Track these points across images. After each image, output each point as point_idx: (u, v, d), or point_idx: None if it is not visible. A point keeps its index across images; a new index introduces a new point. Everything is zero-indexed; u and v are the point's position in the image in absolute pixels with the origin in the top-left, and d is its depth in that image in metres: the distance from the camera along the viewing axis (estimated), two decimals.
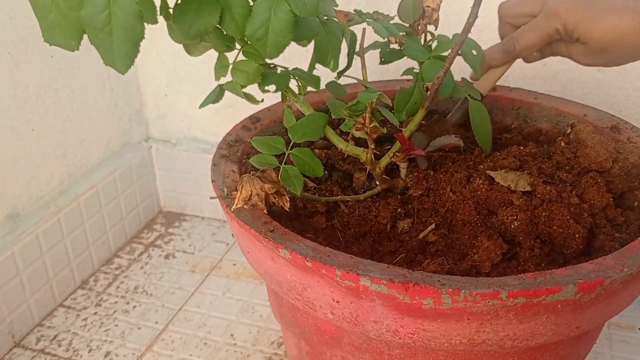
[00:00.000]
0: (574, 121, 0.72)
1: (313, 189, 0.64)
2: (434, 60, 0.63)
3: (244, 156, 0.68)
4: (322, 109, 0.65)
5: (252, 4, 0.49)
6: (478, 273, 0.54)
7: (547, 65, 0.89)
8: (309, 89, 0.61)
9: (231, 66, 0.56)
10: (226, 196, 0.60)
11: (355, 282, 0.49)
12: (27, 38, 0.87)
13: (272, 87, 0.58)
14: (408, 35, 0.66)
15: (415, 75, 0.63)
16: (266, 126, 0.75)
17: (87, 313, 0.97)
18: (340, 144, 0.62)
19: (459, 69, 0.67)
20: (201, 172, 1.16)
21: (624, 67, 0.86)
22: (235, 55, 0.55)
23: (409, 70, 0.65)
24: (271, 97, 0.64)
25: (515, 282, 0.47)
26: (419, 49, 0.65)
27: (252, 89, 0.57)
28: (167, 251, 1.12)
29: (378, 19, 0.66)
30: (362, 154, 0.60)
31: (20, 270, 0.90)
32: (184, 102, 1.13)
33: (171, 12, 0.48)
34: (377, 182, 0.63)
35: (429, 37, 0.68)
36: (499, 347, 0.51)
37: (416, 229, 0.59)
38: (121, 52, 0.44)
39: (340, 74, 0.64)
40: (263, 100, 0.61)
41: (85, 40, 0.45)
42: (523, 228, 0.57)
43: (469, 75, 0.70)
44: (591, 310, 0.51)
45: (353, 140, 0.66)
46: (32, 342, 0.91)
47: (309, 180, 0.65)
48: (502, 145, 0.71)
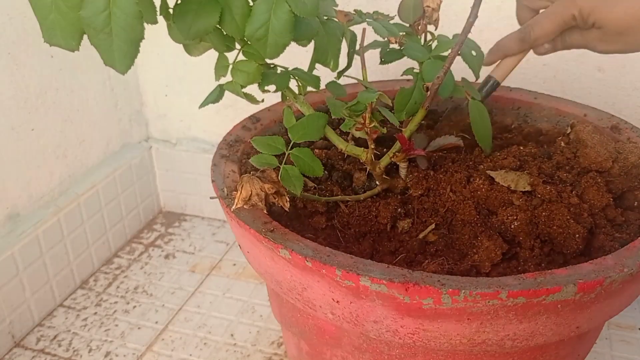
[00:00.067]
0: (574, 121, 0.72)
1: (313, 189, 0.64)
2: (434, 60, 0.63)
3: (244, 156, 0.68)
4: (322, 109, 0.65)
5: (252, 4, 0.49)
6: (478, 273, 0.54)
7: (547, 65, 0.89)
8: (309, 89, 0.61)
9: (231, 66, 0.56)
10: (226, 196, 0.60)
11: (355, 282, 0.49)
12: (27, 38, 0.87)
13: (272, 87, 0.58)
14: (408, 35, 0.66)
15: (415, 75, 0.63)
16: (266, 126, 0.75)
17: (87, 313, 0.97)
18: (340, 144, 0.62)
19: (459, 69, 0.67)
20: (201, 172, 1.16)
21: (624, 67, 0.86)
22: (235, 55, 0.55)
23: (409, 70, 0.65)
24: (271, 97, 0.64)
25: (515, 282, 0.47)
26: (419, 49, 0.65)
27: (252, 89, 0.57)
28: (167, 251, 1.12)
29: (378, 18, 0.66)
30: (362, 154, 0.60)
31: (20, 270, 0.90)
32: (184, 102, 1.13)
33: (171, 12, 0.48)
34: (377, 182, 0.63)
35: (429, 37, 0.68)
36: (499, 347, 0.51)
37: (416, 229, 0.59)
38: (121, 53, 0.44)
39: (340, 74, 0.64)
40: (263, 100, 0.61)
41: (85, 41, 0.45)
42: (523, 228, 0.57)
43: (485, 56, 0.68)
44: (591, 310, 0.51)
45: (353, 140, 0.66)
46: (32, 342, 0.91)
47: (309, 180, 0.65)
48: (502, 145, 0.71)
